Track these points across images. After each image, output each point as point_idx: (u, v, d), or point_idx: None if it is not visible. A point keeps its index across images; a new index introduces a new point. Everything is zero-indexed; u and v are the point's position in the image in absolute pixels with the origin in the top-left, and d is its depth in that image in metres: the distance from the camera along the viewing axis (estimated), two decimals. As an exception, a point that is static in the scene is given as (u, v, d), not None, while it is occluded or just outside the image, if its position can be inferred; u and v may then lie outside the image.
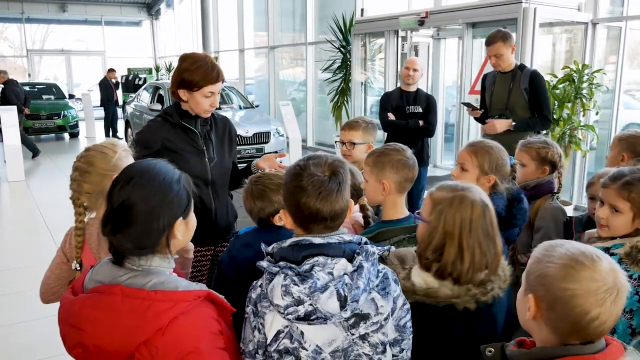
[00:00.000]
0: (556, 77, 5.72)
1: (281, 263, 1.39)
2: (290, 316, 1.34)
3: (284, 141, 9.99)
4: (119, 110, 14.77)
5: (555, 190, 2.71)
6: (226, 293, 1.48)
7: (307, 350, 1.38)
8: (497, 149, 2.28)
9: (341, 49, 10.17)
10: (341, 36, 10.17)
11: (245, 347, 1.46)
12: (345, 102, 10.21)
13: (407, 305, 1.53)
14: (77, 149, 13.59)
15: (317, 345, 1.38)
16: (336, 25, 10.18)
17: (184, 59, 2.57)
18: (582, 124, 5.85)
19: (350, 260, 1.40)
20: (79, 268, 1.94)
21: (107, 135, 14.33)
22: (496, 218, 1.68)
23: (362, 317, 1.40)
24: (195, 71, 2.50)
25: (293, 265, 1.37)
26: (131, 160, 2.01)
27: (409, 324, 1.53)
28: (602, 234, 2.02)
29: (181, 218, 1.37)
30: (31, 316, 2.17)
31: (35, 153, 11.12)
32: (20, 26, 21.35)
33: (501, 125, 4.11)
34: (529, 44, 6.16)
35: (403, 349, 1.52)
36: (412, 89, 5.11)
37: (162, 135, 2.59)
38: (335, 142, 3.16)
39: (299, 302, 1.33)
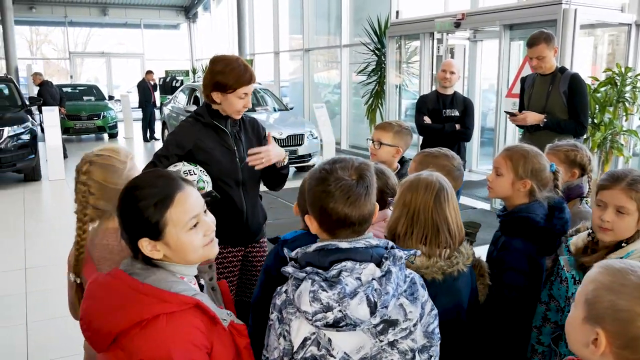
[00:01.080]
0: (597, 80, 5.57)
1: (308, 268, 1.36)
2: (318, 323, 1.31)
3: (318, 144, 9.99)
4: (157, 112, 15.03)
5: (585, 195, 2.62)
6: None
7: (334, 358, 1.35)
8: (534, 153, 2.19)
9: (376, 51, 10.13)
10: (376, 38, 10.13)
11: (270, 355, 1.43)
12: (379, 105, 10.15)
13: (435, 311, 1.51)
14: (116, 149, 13.88)
15: (344, 353, 1.35)
16: (371, 27, 10.15)
17: (216, 61, 2.58)
18: (624, 128, 5.67)
19: (378, 265, 1.37)
20: (79, 281, 1.86)
21: (144, 136, 14.58)
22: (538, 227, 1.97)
23: (391, 324, 1.37)
24: (229, 74, 2.52)
25: (320, 271, 1.35)
26: (137, 166, 1.96)
27: (437, 329, 1.51)
28: (606, 239, 1.84)
29: (147, 239, 1.33)
30: (63, 312, 2.22)
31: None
32: (63, 30, 21.97)
33: (532, 117, 4.02)
34: (569, 46, 6.00)
35: (431, 356, 1.49)
36: (449, 92, 5.03)
37: (195, 136, 2.62)
38: (367, 139, 3.11)
39: (327, 308, 1.30)
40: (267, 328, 1.46)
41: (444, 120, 4.97)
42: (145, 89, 14.47)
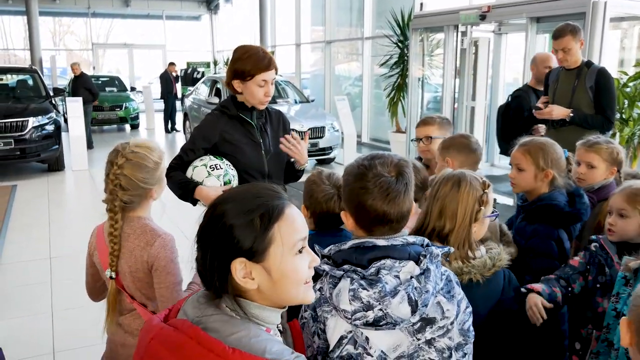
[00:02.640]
0: (627, 74, 5.44)
1: (346, 266, 1.34)
2: (358, 322, 1.29)
3: (339, 136, 9.96)
4: (178, 103, 15.11)
5: None
6: None
7: (371, 357, 1.34)
8: (549, 143, 2.29)
9: (399, 44, 10.04)
10: (399, 31, 10.04)
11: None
12: (401, 98, 10.07)
13: (470, 309, 1.49)
14: (137, 140, 14.01)
15: (381, 351, 1.34)
16: (394, 19, 10.05)
17: (237, 50, 2.59)
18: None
19: (416, 262, 1.36)
20: (114, 276, 1.89)
21: (166, 127, 14.67)
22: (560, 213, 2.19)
23: (428, 322, 1.35)
24: (247, 60, 2.52)
25: (358, 269, 1.33)
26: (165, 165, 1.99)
27: (471, 327, 1.49)
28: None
29: (244, 259, 1.07)
30: (88, 301, 2.26)
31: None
32: (86, 20, 22.17)
33: (558, 111, 3.92)
34: (597, 39, 5.87)
35: (466, 353, 1.47)
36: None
37: (221, 128, 2.62)
38: (412, 140, 3.11)
39: (368, 307, 1.28)
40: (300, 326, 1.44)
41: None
42: (167, 80, 14.55)
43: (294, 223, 1.10)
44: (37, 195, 7.89)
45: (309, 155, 2.89)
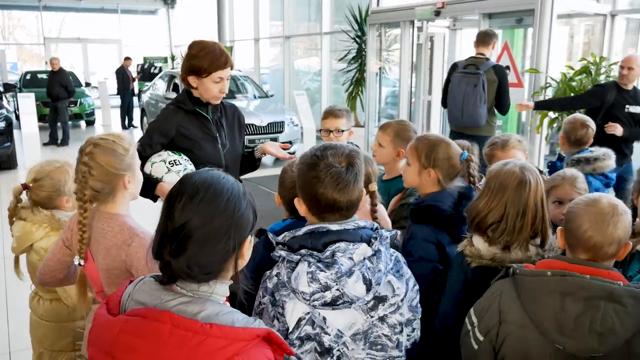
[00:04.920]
0: (573, 69, 5.66)
1: (302, 251, 1.40)
2: (316, 302, 1.37)
3: (298, 131, 10.01)
4: (135, 99, 14.85)
5: None
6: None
7: (329, 335, 1.41)
8: (439, 142, 2.14)
9: (356, 39, 10.15)
10: (357, 26, 10.15)
11: None
12: (360, 92, 10.19)
13: (417, 287, 1.59)
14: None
15: (338, 330, 1.42)
16: (352, 15, 10.15)
17: (192, 46, 2.60)
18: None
19: (367, 244, 1.43)
20: (82, 264, 1.87)
21: (123, 123, 14.42)
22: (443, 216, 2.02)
23: (380, 300, 1.44)
24: (204, 57, 2.53)
25: (315, 253, 1.39)
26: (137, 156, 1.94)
27: (419, 304, 1.59)
28: None
29: (249, 237, 1.21)
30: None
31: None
32: (37, 14, 21.49)
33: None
34: (545, 36, 6.09)
35: (414, 328, 1.59)
36: (630, 87, 4.78)
37: (178, 123, 2.63)
38: (319, 131, 3.19)
39: (326, 287, 1.36)
40: (256, 313, 1.50)
41: (628, 116, 4.72)
42: (123, 75, 14.27)
43: None
44: (-12, 194, 7.66)
45: None
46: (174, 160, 2.51)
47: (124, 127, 14.35)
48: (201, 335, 1.05)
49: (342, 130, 3.02)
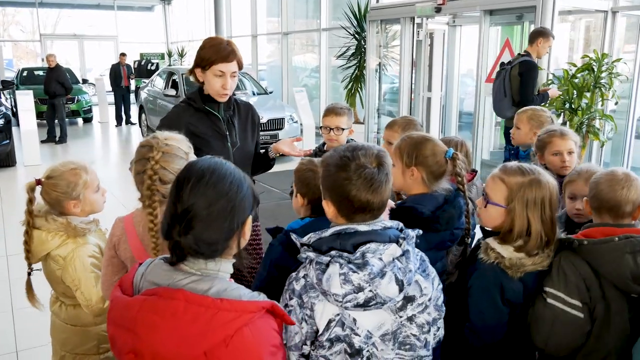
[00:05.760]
0: (575, 66, 5.67)
1: (332, 252, 1.40)
2: (348, 304, 1.36)
3: (298, 128, 10.00)
4: (132, 96, 14.77)
5: None
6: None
7: (359, 336, 1.41)
8: (422, 140, 2.06)
9: (355, 35, 10.13)
10: (356, 22, 10.14)
11: (291, 341, 1.46)
12: (359, 89, 10.18)
13: (441, 286, 1.60)
14: (91, 134, 13.67)
15: (367, 331, 1.41)
16: (351, 11, 10.14)
17: (204, 40, 2.62)
18: (603, 113, 5.80)
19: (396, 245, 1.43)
20: None
21: (117, 120, 14.32)
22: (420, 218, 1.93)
23: (409, 300, 1.44)
24: (209, 49, 2.54)
25: (344, 254, 1.39)
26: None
27: (443, 303, 1.59)
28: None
29: (250, 216, 1.32)
30: (45, 299, 2.29)
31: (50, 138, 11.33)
32: (32, 10, 21.35)
33: None
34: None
35: (439, 327, 1.59)
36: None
37: (186, 120, 2.61)
38: (319, 127, 3.19)
39: (359, 289, 1.35)
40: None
41: None
42: (117, 72, 14.15)
43: None
44: (-12, 192, 7.64)
45: (267, 147, 2.96)
46: None
47: (118, 123, 14.25)
48: (213, 310, 1.16)
49: (343, 129, 3.03)
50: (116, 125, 14.21)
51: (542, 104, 5.29)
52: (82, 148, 11.44)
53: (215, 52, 2.52)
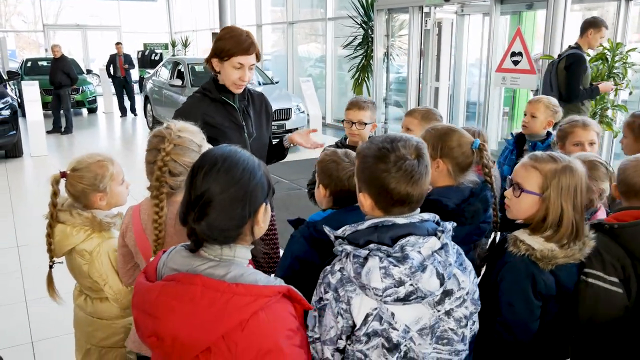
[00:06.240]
0: (589, 55, 5.61)
1: (371, 245, 1.37)
2: (388, 298, 1.33)
3: (305, 118, 9.95)
4: (136, 87, 14.67)
5: None
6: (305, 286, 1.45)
7: (397, 331, 1.38)
8: (447, 130, 2.01)
9: (363, 24, 10.05)
10: (362, 11, 10.05)
11: (326, 335, 1.43)
12: (366, 79, 10.12)
13: (477, 280, 1.57)
14: (96, 124, 13.65)
15: (405, 325, 1.39)
16: (358, 0, 10.05)
17: (222, 29, 2.58)
18: (615, 103, 5.76)
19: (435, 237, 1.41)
20: None
21: (121, 112, 14.24)
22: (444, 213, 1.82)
23: (447, 293, 1.41)
24: (228, 40, 2.50)
25: (382, 247, 1.36)
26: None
27: (478, 296, 1.57)
28: None
29: (264, 204, 1.32)
30: (61, 289, 2.26)
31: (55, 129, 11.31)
32: (34, 0, 21.25)
33: None
34: (560, 21, 6.04)
35: (475, 321, 1.56)
36: None
37: (202, 110, 2.58)
38: (342, 121, 3.12)
39: (399, 283, 1.32)
40: (316, 308, 1.45)
41: None
42: (113, 62, 14.01)
43: None
44: (-4, 183, 7.63)
45: (275, 137, 2.95)
46: None
47: (122, 114, 14.16)
48: (229, 294, 1.18)
49: (365, 123, 2.94)
50: (121, 116, 14.14)
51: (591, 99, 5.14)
52: (88, 138, 11.43)
53: (235, 44, 2.48)
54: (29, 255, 4.99)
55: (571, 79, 4.97)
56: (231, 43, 2.48)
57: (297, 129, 9.71)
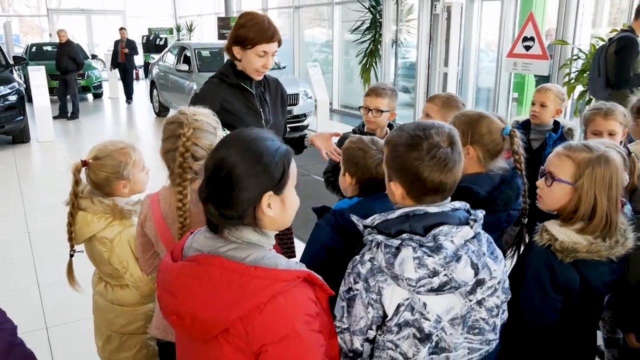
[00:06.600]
0: (603, 40, 5.53)
1: (404, 235, 1.34)
2: (422, 289, 1.31)
3: (312, 103, 9.89)
4: (142, 72, 14.56)
5: None
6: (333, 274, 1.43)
7: (429, 321, 1.36)
8: (478, 117, 1.97)
9: (371, 9, 9.95)
10: (371, -5, 9.96)
11: (355, 325, 1.42)
12: (374, 64, 10.04)
13: (507, 268, 1.54)
14: (102, 109, 13.61)
15: (437, 315, 1.37)
16: (366, -16, 9.95)
17: (242, 15, 2.53)
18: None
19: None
20: None
21: (127, 97, 14.18)
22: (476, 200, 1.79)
23: (479, 283, 1.39)
24: (251, 28, 2.45)
25: (415, 237, 1.33)
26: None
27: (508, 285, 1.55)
28: None
29: (271, 192, 1.26)
30: (64, 277, 2.25)
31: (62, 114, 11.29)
32: (38, -16, 21.15)
33: None
34: (573, 5, 5.96)
35: (504, 310, 1.54)
36: None
37: (221, 97, 2.55)
38: (359, 108, 3.05)
39: (434, 273, 1.30)
40: (345, 299, 1.44)
41: None
42: (115, 48, 13.87)
43: (294, 163, 1.33)
44: (4, 169, 7.62)
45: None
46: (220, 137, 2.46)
47: (127, 100, 14.08)
48: (247, 277, 1.18)
49: (382, 111, 2.87)
50: (126, 101, 14.08)
51: None
52: (94, 124, 11.40)
53: (258, 32, 2.44)
54: (40, 241, 4.99)
55: (621, 64, 4.72)
56: (255, 31, 2.44)
57: (304, 114, 9.67)
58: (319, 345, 1.23)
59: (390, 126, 2.95)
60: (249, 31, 2.45)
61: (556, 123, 3.23)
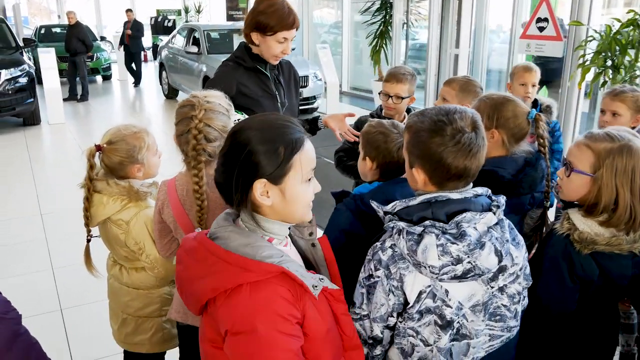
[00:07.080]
0: (620, 21, 5.43)
1: (426, 222, 1.33)
2: (445, 276, 1.30)
3: (322, 86, 9.83)
4: (150, 54, 14.47)
5: None
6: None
7: (451, 308, 1.35)
8: (502, 100, 1.95)
9: (382, -11, 9.83)
10: (382, -24, 9.82)
11: (376, 312, 1.41)
12: (384, 45, 9.93)
13: (527, 254, 1.52)
14: (111, 91, 13.61)
15: (459, 302, 1.36)
16: (377, -36, 9.81)
17: (262, 2, 2.48)
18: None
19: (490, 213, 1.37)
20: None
21: (135, 80, 14.11)
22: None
23: (501, 270, 1.37)
24: (272, 15, 2.43)
25: (437, 224, 1.32)
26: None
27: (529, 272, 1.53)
28: None
29: (265, 180, 1.21)
30: (78, 260, 2.25)
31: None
32: (46, -35, 21.03)
33: None
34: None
35: (525, 296, 1.53)
36: None
37: (237, 80, 2.55)
38: (379, 93, 3.00)
39: (457, 261, 1.29)
40: (365, 285, 1.43)
41: None
42: (123, 30, 13.74)
43: (310, 155, 1.26)
44: (16, 151, 7.66)
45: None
46: (237, 120, 2.45)
47: (136, 83, 13.99)
48: (219, 261, 1.19)
49: (402, 98, 2.83)
50: (133, 84, 14.01)
51: None
52: (104, 106, 11.42)
53: (279, 19, 2.42)
54: (53, 223, 5.02)
55: None
56: (275, 19, 2.42)
57: (314, 97, 9.61)
58: (286, 350, 1.16)
59: (407, 110, 2.93)
60: (269, 18, 2.43)
61: (535, 101, 3.25)
